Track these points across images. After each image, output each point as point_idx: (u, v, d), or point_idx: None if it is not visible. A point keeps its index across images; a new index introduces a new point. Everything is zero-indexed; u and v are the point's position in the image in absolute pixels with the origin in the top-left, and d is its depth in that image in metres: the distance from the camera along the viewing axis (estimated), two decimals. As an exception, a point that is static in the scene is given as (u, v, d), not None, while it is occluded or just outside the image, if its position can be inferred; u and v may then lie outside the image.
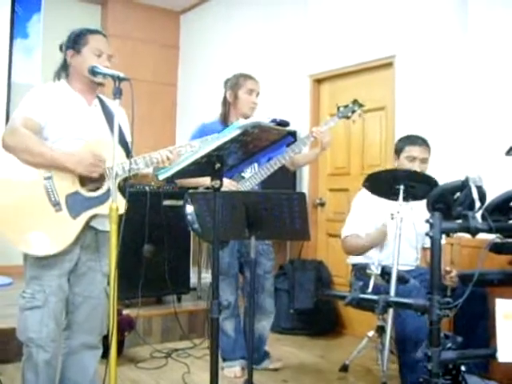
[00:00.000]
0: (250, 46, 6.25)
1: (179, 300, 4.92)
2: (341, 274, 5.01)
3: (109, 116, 2.77)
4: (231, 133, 2.06)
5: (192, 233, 4.82)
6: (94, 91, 2.80)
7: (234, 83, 3.83)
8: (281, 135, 2.38)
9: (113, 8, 7.18)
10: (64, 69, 2.77)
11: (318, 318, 4.92)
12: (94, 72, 2.61)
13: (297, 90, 5.59)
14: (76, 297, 2.74)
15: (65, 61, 2.76)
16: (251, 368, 3.26)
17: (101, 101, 2.83)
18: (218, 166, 2.20)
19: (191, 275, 5.02)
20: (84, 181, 2.62)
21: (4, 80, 6.09)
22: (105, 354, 2.77)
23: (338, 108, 3.84)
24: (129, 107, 2.48)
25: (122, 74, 2.46)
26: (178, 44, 7.62)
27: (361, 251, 3.53)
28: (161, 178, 2.19)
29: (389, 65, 4.76)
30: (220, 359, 3.60)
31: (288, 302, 4.91)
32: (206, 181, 3.22)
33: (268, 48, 5.98)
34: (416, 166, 3.44)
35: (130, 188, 2.67)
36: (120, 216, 2.39)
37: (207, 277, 5.29)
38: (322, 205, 5.36)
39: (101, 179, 2.62)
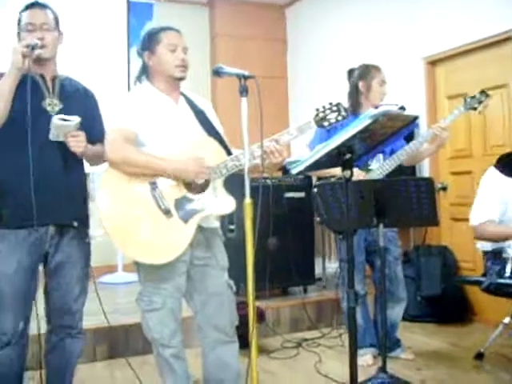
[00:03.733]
0: (359, 32, 6.19)
1: (305, 291, 4.99)
2: (467, 258, 4.89)
3: (197, 111, 2.76)
4: (362, 123, 2.08)
5: (315, 223, 4.89)
6: (178, 88, 2.76)
7: (367, 74, 3.77)
8: (406, 121, 2.37)
9: (220, 8, 7.39)
10: (144, 72, 2.76)
11: (447, 305, 4.82)
12: (218, 73, 2.64)
13: (410, 73, 5.48)
14: (201, 296, 2.72)
15: (143, 64, 2.75)
16: (385, 355, 3.28)
17: (185, 97, 2.79)
18: (348, 156, 2.22)
19: (316, 266, 5.07)
20: (188, 184, 2.59)
21: (124, 86, 6.37)
22: (241, 345, 2.85)
23: (465, 99, 3.74)
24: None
25: (246, 73, 2.44)
26: (285, 37, 7.68)
27: (501, 239, 3.42)
28: (294, 171, 2.23)
29: (507, 40, 4.56)
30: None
31: (414, 289, 4.83)
32: (336, 171, 3.23)
33: (379, 32, 5.90)
34: None
35: (252, 183, 2.53)
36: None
37: (331, 267, 5.32)
38: (444, 189, 5.23)
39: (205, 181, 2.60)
